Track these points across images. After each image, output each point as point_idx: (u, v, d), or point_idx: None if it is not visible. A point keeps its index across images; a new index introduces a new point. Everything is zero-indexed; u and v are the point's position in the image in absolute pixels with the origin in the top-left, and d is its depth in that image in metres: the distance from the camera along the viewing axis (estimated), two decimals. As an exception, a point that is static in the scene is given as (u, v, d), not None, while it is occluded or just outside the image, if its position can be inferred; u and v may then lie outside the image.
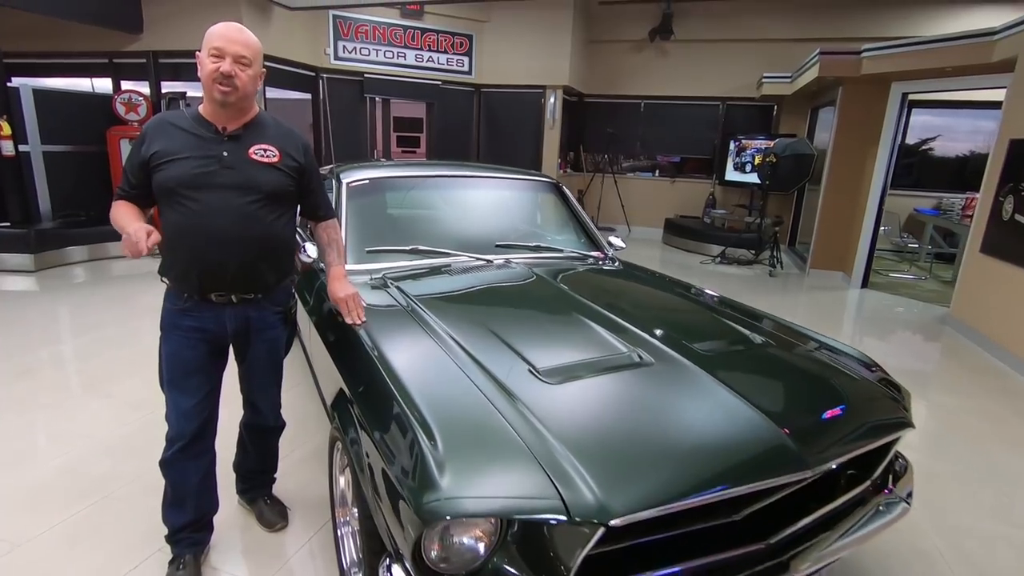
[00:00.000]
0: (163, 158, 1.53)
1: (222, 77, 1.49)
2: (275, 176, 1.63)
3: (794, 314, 5.15)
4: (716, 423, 1.26)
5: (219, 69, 1.49)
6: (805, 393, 1.51)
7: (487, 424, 1.22)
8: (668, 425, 1.26)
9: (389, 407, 1.33)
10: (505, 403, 1.28)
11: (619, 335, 1.63)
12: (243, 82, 1.54)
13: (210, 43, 1.51)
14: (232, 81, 1.51)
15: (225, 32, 1.52)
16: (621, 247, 2.86)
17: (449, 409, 1.29)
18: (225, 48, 1.51)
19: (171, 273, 1.63)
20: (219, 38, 1.51)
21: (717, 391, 1.36)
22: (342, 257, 1.84)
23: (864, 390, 1.58)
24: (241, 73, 1.53)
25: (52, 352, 3.48)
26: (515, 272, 2.23)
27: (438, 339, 1.61)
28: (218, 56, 1.50)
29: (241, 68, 1.53)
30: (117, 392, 2.95)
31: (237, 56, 1.52)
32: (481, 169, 2.81)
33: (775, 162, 6.52)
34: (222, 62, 1.50)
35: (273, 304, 1.74)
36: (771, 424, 1.26)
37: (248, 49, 1.55)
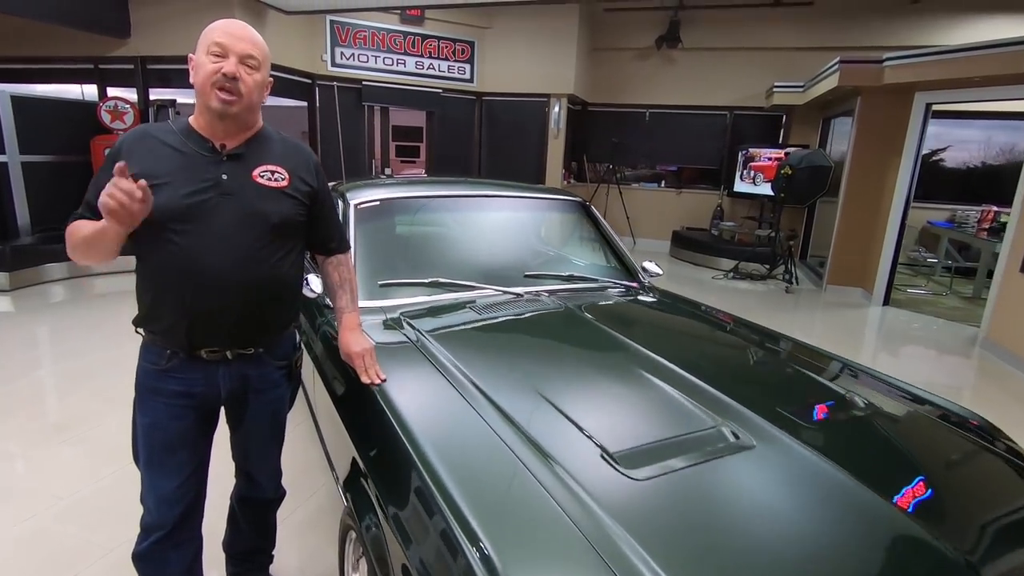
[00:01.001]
0: (146, 182, 1.23)
1: (224, 79, 1.21)
2: (285, 204, 1.33)
3: (817, 334, 4.89)
4: (868, 537, 0.97)
5: (221, 70, 1.21)
6: (956, 486, 1.20)
7: (553, 530, 0.93)
8: (808, 546, 0.95)
9: (421, 496, 1.04)
10: (574, 502, 0.99)
11: (695, 398, 1.34)
12: (249, 88, 1.25)
13: (210, 39, 1.22)
14: (237, 85, 1.22)
15: (229, 28, 1.24)
16: (657, 274, 2.58)
17: (498, 502, 1.00)
18: (229, 45, 1.22)
19: (152, 325, 1.33)
20: (222, 34, 1.22)
21: (851, 488, 1.06)
22: (356, 301, 1.54)
23: (1006, 470, 1.30)
24: (248, 77, 1.25)
25: (23, 386, 3.15)
26: (550, 309, 1.94)
27: (477, 405, 1.31)
28: (220, 55, 1.22)
29: (248, 71, 1.25)
30: (92, 436, 2.63)
31: (243, 55, 1.24)
32: (503, 188, 2.53)
33: (790, 174, 6.29)
34: (225, 61, 1.22)
35: (276, 358, 1.44)
36: (938, 541, 0.97)
37: (257, 49, 1.26)
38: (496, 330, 1.78)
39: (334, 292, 1.52)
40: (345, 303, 1.51)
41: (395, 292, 1.97)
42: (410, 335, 1.69)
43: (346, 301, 1.51)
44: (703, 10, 7.88)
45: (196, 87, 1.24)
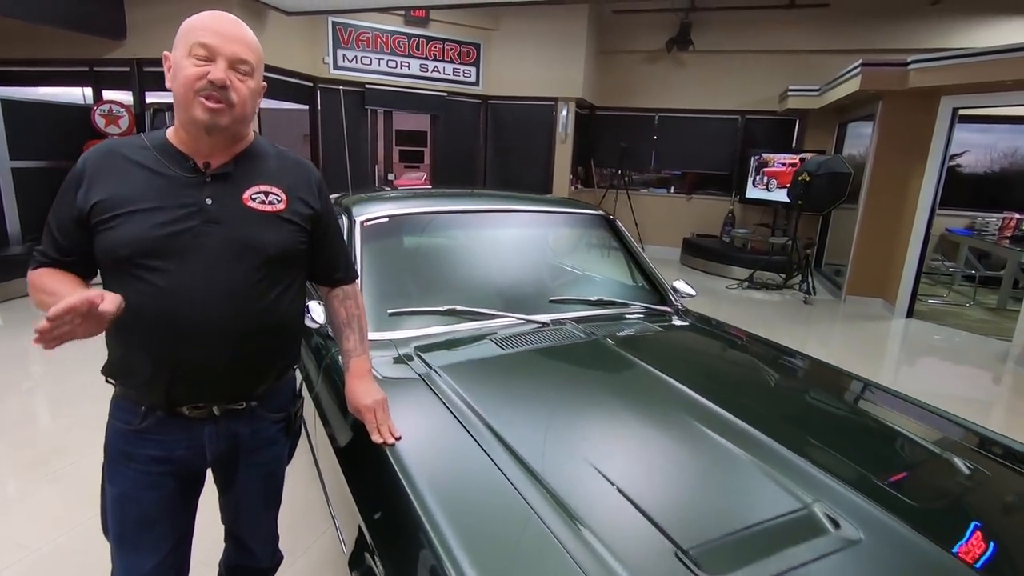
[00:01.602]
0: (112, 210, 1.02)
1: (211, 87, 1.00)
2: (282, 231, 1.12)
3: (841, 349, 4.67)
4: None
5: (207, 76, 1.00)
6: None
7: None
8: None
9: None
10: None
11: (770, 463, 1.13)
12: (242, 97, 1.04)
13: (193, 37, 1.01)
14: (227, 94, 1.01)
15: (217, 24, 1.02)
16: (690, 295, 2.36)
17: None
18: (217, 47, 1.01)
19: (124, 379, 1.12)
20: (208, 32, 1.01)
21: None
22: (366, 342, 1.32)
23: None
24: (240, 84, 1.03)
25: (3, 412, 2.93)
26: (579, 340, 1.72)
27: (509, 472, 1.10)
28: (206, 58, 1.00)
29: (240, 77, 1.04)
30: (69, 474, 2.41)
31: (234, 59, 1.02)
32: (522, 201, 2.31)
33: (808, 181, 6.07)
34: (211, 66, 1.00)
35: (272, 410, 1.23)
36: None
37: (251, 51, 1.05)
38: (522, 368, 1.57)
39: (340, 331, 1.31)
40: (353, 344, 1.29)
41: (406, 322, 1.76)
42: (425, 375, 1.48)
43: (354, 342, 1.29)
44: (715, 12, 7.68)
45: (175, 94, 1.03)
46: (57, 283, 1.04)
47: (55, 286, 1.02)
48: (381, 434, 1.19)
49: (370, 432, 1.20)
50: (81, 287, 1.05)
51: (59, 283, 1.04)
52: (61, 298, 0.97)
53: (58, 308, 0.83)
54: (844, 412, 1.54)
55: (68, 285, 1.03)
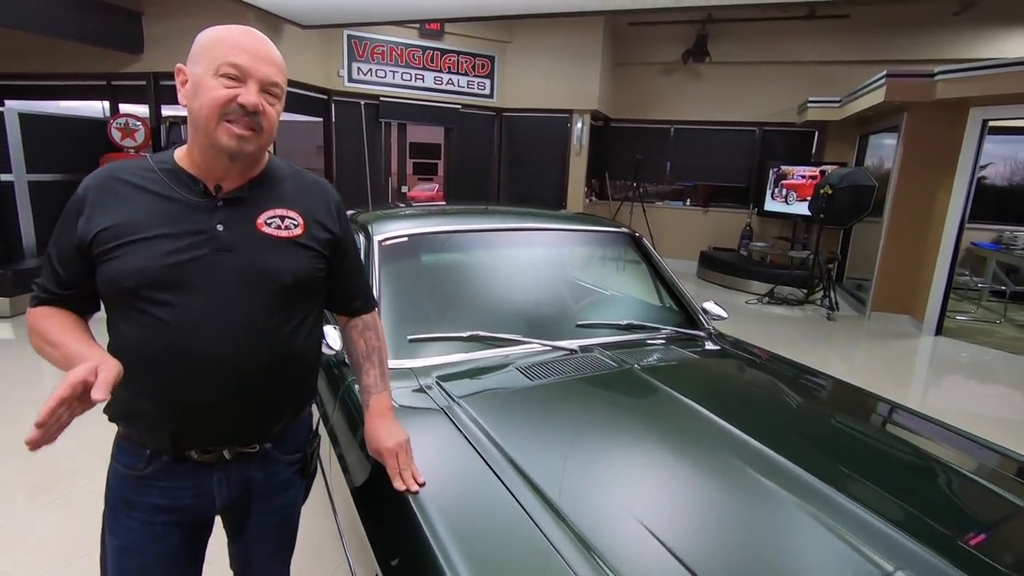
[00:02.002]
0: (116, 239, 0.94)
1: (241, 112, 0.92)
2: (299, 258, 1.03)
3: (870, 369, 4.51)
4: None
5: (237, 99, 0.91)
6: None
7: None
8: None
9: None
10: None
11: (838, 518, 1.01)
12: (271, 123, 0.97)
13: (221, 55, 0.92)
14: (257, 120, 0.94)
15: (248, 43, 0.94)
16: (721, 317, 2.25)
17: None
18: (250, 68, 0.93)
19: (127, 420, 1.03)
20: (239, 50, 0.92)
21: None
22: (387, 376, 1.22)
23: None
24: (270, 109, 0.96)
25: (12, 434, 2.87)
26: (611, 370, 1.61)
27: (540, 518, 0.99)
28: (236, 79, 0.92)
29: (270, 100, 0.96)
30: (75, 500, 2.33)
31: (267, 81, 0.95)
32: (544, 219, 2.22)
33: (831, 194, 5.93)
34: (242, 88, 0.92)
35: (287, 452, 1.13)
36: None
37: (281, 73, 0.98)
38: (551, 402, 1.46)
39: (358, 365, 1.21)
40: (373, 380, 1.19)
41: (427, 348, 1.66)
42: (448, 408, 1.38)
43: (374, 377, 1.19)
44: (732, 24, 7.61)
45: (193, 115, 0.95)
46: (58, 330, 0.95)
47: (57, 335, 0.94)
48: (404, 480, 1.08)
49: (391, 478, 1.10)
50: (84, 334, 0.97)
51: (60, 330, 0.95)
52: (62, 351, 0.90)
53: (47, 408, 0.76)
54: (907, 455, 1.41)
55: (70, 333, 0.95)
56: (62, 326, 0.97)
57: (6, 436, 2.82)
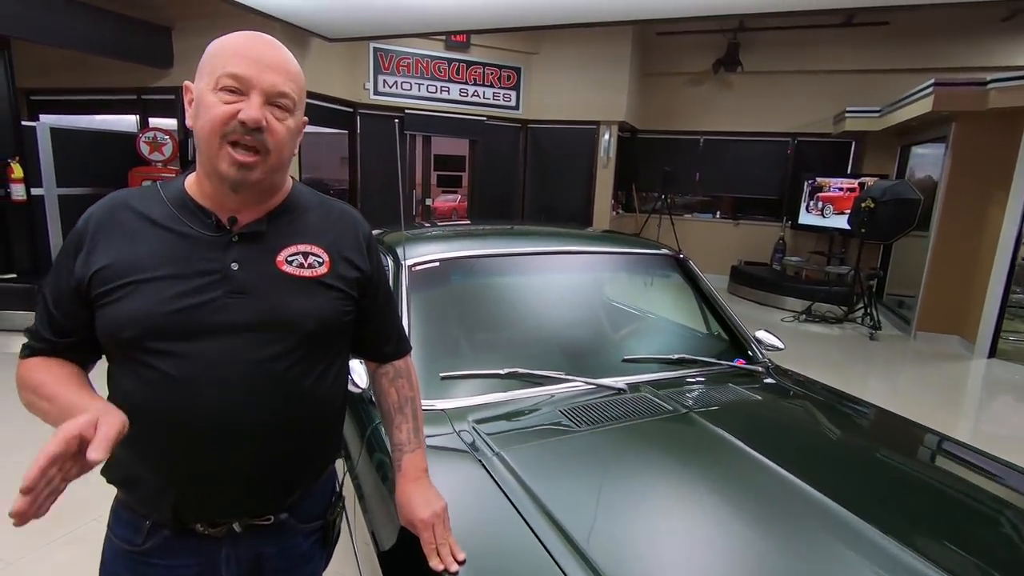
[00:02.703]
0: (115, 279, 0.81)
1: (242, 130, 0.78)
2: (323, 300, 0.90)
3: (922, 396, 4.23)
4: None
5: (237, 115, 0.78)
6: None
7: None
8: None
9: None
10: None
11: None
12: (279, 142, 0.82)
13: (220, 66, 0.79)
14: (261, 139, 0.79)
15: (249, 47, 0.80)
16: (777, 348, 2.06)
17: None
18: (251, 77, 0.79)
19: (126, 487, 0.90)
20: (239, 58, 0.79)
21: None
22: (422, 431, 1.07)
23: None
24: (277, 125, 0.81)
25: (23, 460, 2.79)
26: (666, 414, 1.44)
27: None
28: (235, 90, 0.79)
29: (279, 114, 0.82)
30: (89, 532, 2.22)
31: (272, 92, 0.80)
32: (585, 241, 2.06)
33: (872, 207, 5.66)
34: (244, 101, 0.79)
35: (306, 519, 0.99)
36: None
37: (291, 80, 0.83)
38: (604, 455, 1.29)
39: (389, 418, 1.06)
40: (406, 436, 1.04)
41: (460, 387, 1.51)
42: (487, 461, 1.22)
43: (407, 433, 1.04)
44: (764, 32, 7.39)
45: (197, 138, 0.82)
46: (53, 381, 0.83)
47: (51, 386, 0.82)
48: (442, 558, 0.93)
49: (427, 554, 0.94)
50: (83, 384, 0.85)
51: (56, 381, 0.83)
52: (57, 404, 0.77)
53: (34, 471, 0.64)
54: (992, 505, 1.21)
55: (67, 384, 0.83)
56: (58, 376, 0.84)
57: (18, 461, 2.74)
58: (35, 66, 6.04)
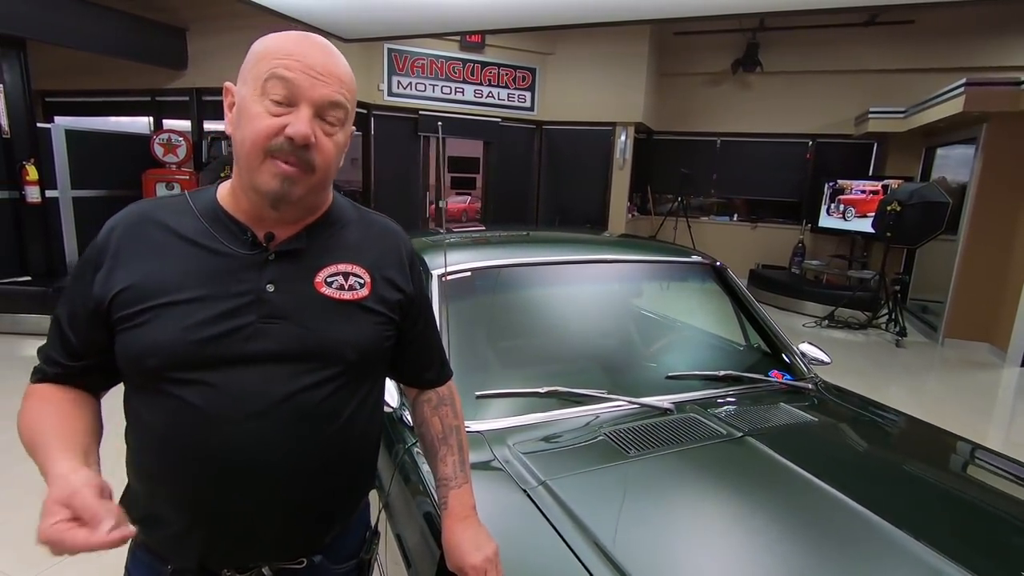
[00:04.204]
0: (141, 302, 0.72)
1: (289, 147, 0.69)
2: (364, 325, 0.81)
3: (956, 406, 4.08)
4: None
5: (284, 130, 0.69)
6: None
7: None
8: None
9: None
10: None
11: None
12: (326, 159, 0.73)
13: (267, 69, 0.70)
14: (308, 156, 0.70)
15: (301, 52, 0.71)
16: (823, 362, 1.95)
17: None
18: (302, 87, 0.70)
19: (146, 528, 0.81)
20: (290, 61, 0.70)
21: None
22: (468, 463, 0.98)
23: None
24: (326, 142, 0.72)
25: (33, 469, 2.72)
26: (719, 438, 1.34)
27: None
28: (284, 101, 0.69)
29: (329, 130, 0.73)
30: (93, 555, 2.15)
31: (324, 104, 0.71)
32: (622, 249, 1.96)
33: (898, 211, 5.51)
34: (293, 113, 0.69)
35: (340, 560, 0.90)
36: None
37: (346, 90, 0.74)
38: (657, 486, 1.20)
39: (433, 450, 0.97)
40: (452, 470, 0.94)
41: (496, 407, 1.42)
42: (533, 491, 1.13)
43: (453, 466, 0.94)
44: (785, 31, 7.25)
45: (237, 147, 0.73)
46: (48, 428, 0.75)
47: (41, 434, 0.74)
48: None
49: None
50: (75, 434, 0.76)
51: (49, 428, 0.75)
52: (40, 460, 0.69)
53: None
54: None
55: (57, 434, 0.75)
56: (52, 421, 0.75)
57: (31, 470, 2.67)
58: (50, 68, 6.03)
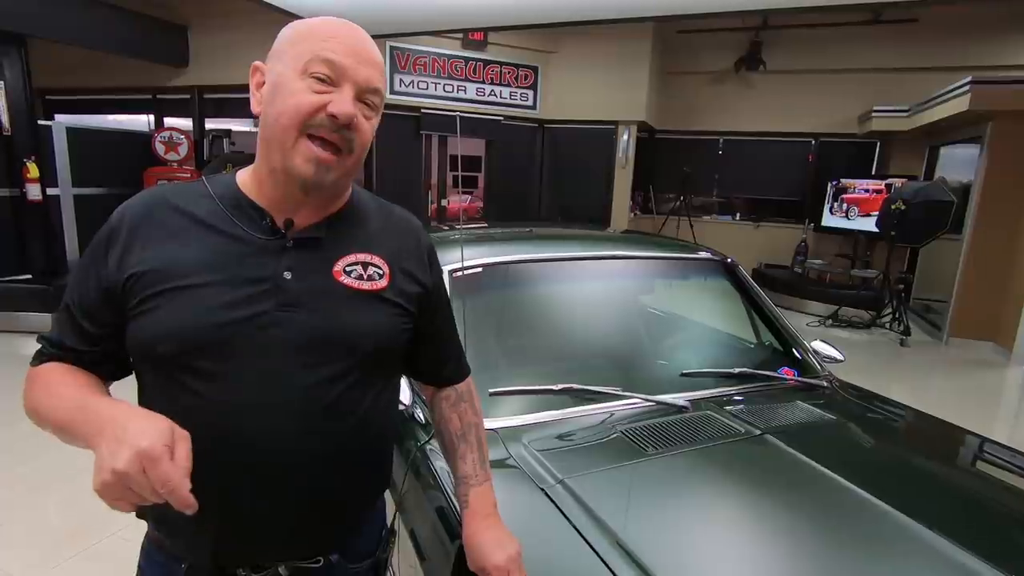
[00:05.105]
0: (155, 285, 0.70)
1: (331, 125, 0.68)
2: (381, 317, 0.79)
3: (958, 402, 4.06)
4: None
5: (327, 107, 0.67)
6: None
7: None
8: None
9: None
10: None
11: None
12: (363, 142, 0.73)
13: (311, 49, 0.69)
14: (349, 137, 0.70)
15: (346, 35, 0.70)
16: (836, 360, 1.93)
17: None
18: (347, 68, 0.69)
19: (158, 523, 0.79)
20: (336, 42, 0.69)
21: None
22: (488, 461, 0.95)
23: None
24: (365, 124, 0.72)
25: (40, 468, 2.70)
26: (740, 439, 1.31)
27: None
28: (329, 80, 0.68)
29: (366, 114, 0.72)
30: (110, 548, 2.12)
31: (366, 87, 0.71)
32: (634, 245, 1.94)
33: (903, 210, 5.50)
34: (336, 93, 0.68)
35: (357, 559, 0.88)
36: None
37: (381, 75, 0.73)
38: (678, 485, 1.17)
39: (452, 448, 0.94)
40: (471, 467, 0.92)
41: (510, 404, 1.40)
42: (553, 491, 1.10)
43: (472, 464, 0.92)
44: (788, 30, 7.23)
45: (268, 125, 0.71)
46: (74, 384, 0.72)
47: (64, 399, 0.70)
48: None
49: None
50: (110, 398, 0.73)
51: (77, 385, 0.72)
52: (84, 413, 0.66)
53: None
54: None
55: (92, 391, 0.72)
56: (78, 382, 0.73)
57: (35, 469, 2.65)
58: (50, 66, 5.99)
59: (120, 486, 0.55)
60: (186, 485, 0.57)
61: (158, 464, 0.55)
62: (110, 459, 0.55)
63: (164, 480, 0.55)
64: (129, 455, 0.55)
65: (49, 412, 0.70)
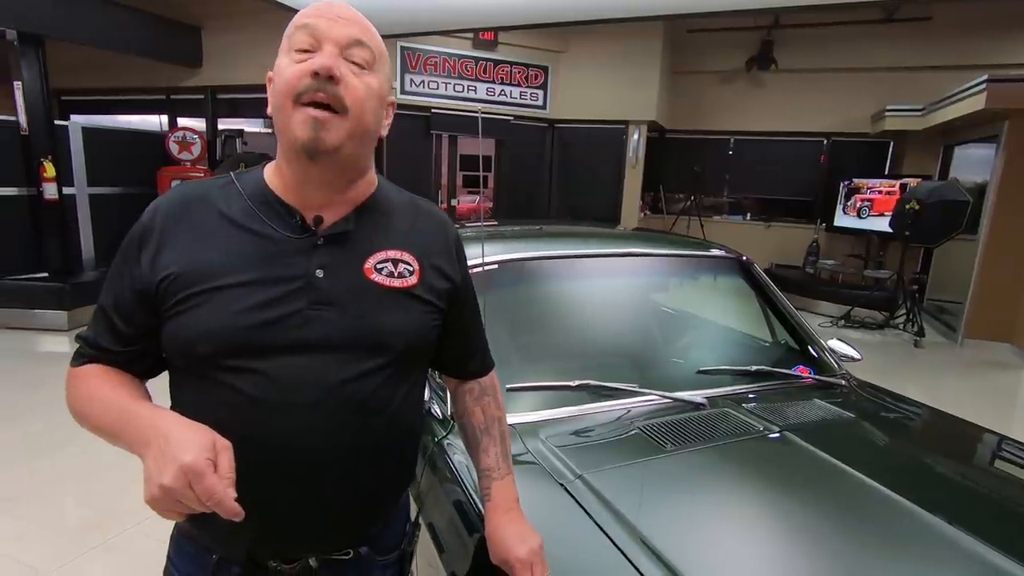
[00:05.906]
0: (191, 286, 0.71)
1: (315, 84, 0.67)
2: (413, 314, 0.79)
3: (974, 405, 4.02)
4: None
5: (310, 67, 0.68)
6: None
7: None
8: None
9: None
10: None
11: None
12: (357, 97, 0.70)
13: (294, 28, 0.71)
14: (335, 92, 0.68)
15: (323, 6, 0.72)
16: (853, 358, 1.92)
17: None
18: (322, 29, 0.69)
19: (192, 516, 0.80)
20: (312, 13, 0.71)
21: None
22: (510, 455, 0.96)
23: None
24: (354, 80, 0.70)
25: (61, 459, 2.74)
26: (758, 437, 1.31)
27: None
28: (309, 48, 0.69)
29: (355, 69, 0.71)
30: (128, 540, 2.15)
31: (347, 41, 0.70)
32: (650, 243, 1.94)
33: (918, 210, 5.44)
34: (316, 54, 0.69)
35: (384, 552, 0.89)
36: None
37: (367, 33, 0.73)
38: (698, 481, 1.17)
39: (475, 441, 0.95)
40: (494, 460, 0.92)
41: (527, 400, 1.40)
42: (573, 487, 1.10)
43: (495, 457, 0.93)
44: (800, 28, 7.18)
45: (273, 111, 0.72)
46: (121, 390, 0.74)
47: (109, 404, 0.71)
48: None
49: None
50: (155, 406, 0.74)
51: (122, 390, 0.74)
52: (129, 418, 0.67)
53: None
54: None
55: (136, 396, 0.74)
56: (117, 384, 0.75)
57: (53, 463, 2.68)
58: (66, 67, 6.07)
59: (168, 499, 0.57)
60: (231, 495, 0.58)
61: (203, 479, 0.56)
62: (157, 474, 0.57)
63: (209, 494, 0.56)
64: (174, 470, 0.56)
65: (91, 419, 0.73)
